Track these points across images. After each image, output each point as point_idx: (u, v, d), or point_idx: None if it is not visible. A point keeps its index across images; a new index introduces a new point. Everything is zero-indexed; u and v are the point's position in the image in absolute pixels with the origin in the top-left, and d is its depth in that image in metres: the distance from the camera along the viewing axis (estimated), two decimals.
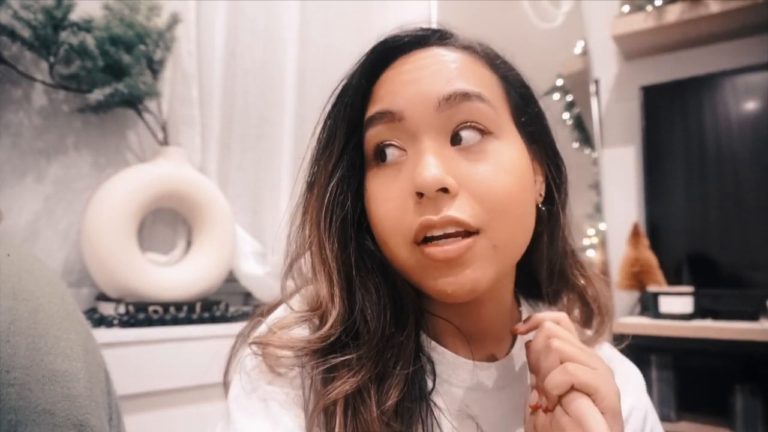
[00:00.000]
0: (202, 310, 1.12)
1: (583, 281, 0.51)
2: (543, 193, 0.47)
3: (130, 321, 1.02)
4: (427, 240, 0.40)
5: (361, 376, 0.39)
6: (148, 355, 0.98)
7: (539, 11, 1.83)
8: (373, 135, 0.43)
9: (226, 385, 0.46)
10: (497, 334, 0.48)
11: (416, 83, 0.42)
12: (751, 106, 1.53)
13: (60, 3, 1.02)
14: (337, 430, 0.37)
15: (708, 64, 1.65)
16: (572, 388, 0.37)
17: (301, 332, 0.42)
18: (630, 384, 0.52)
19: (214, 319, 1.13)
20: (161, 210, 1.20)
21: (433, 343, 0.45)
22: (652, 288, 1.50)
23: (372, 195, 0.43)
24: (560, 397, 0.38)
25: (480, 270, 0.39)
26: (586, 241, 1.81)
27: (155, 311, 1.06)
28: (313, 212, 0.45)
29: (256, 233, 1.41)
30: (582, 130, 1.85)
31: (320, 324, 0.42)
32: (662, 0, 1.56)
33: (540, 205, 0.47)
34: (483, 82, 0.43)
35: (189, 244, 1.24)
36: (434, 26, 0.47)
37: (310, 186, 0.46)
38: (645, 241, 1.58)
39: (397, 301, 0.44)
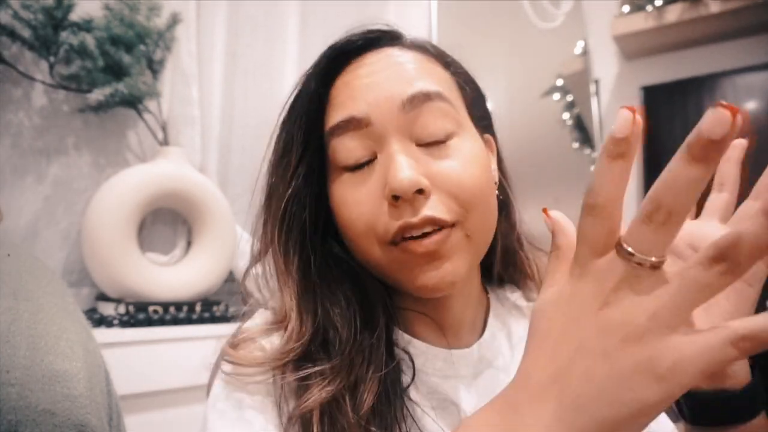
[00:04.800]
0: (202, 310, 1.12)
1: (533, 265, 0.52)
2: (497, 180, 0.48)
3: (130, 321, 1.01)
4: (404, 239, 0.40)
5: (335, 385, 0.38)
6: (148, 355, 0.98)
7: (539, 11, 1.82)
8: (340, 145, 0.42)
9: (209, 388, 0.46)
10: (469, 322, 0.48)
11: (377, 86, 0.42)
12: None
13: (60, 3, 1.02)
14: None
15: (708, 64, 1.65)
16: None
17: (272, 343, 0.42)
18: None
19: (214, 319, 1.13)
20: (161, 210, 1.20)
21: (407, 336, 0.45)
22: None
23: (341, 200, 0.42)
24: None
25: (457, 261, 0.40)
26: None
27: (155, 311, 1.06)
28: (273, 223, 0.45)
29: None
30: (582, 130, 1.85)
31: (286, 335, 0.42)
32: (662, 0, 1.56)
33: (498, 194, 0.47)
34: (440, 80, 0.44)
35: (189, 244, 1.24)
36: (383, 27, 0.46)
37: (269, 197, 0.46)
38: None
39: (366, 304, 0.43)
